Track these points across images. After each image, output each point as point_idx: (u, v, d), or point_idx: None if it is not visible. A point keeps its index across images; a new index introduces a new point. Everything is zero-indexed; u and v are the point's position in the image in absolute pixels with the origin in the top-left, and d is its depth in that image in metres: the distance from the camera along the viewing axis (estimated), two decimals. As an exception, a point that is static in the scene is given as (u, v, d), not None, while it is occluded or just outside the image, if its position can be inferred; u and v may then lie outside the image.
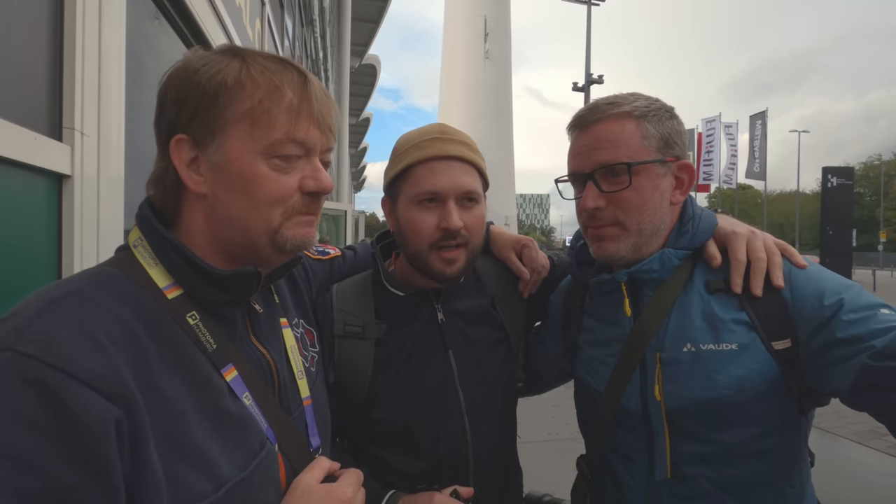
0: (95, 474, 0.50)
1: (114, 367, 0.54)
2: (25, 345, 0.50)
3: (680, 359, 0.93)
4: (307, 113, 0.70)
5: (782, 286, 0.89)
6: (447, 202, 1.01)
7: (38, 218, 0.91)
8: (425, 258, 1.03)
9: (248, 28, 2.97)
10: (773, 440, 0.90)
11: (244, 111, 0.67)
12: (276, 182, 0.68)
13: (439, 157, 1.03)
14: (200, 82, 0.67)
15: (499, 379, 1.15)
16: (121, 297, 0.61)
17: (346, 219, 9.52)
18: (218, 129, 0.67)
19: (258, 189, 0.68)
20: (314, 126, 0.71)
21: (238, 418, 0.67)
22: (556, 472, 1.69)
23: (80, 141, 0.99)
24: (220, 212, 0.69)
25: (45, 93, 0.94)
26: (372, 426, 1.07)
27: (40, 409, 0.48)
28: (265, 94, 0.67)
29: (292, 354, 0.83)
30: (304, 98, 0.70)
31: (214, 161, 0.68)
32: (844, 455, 4.24)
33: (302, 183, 0.71)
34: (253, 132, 0.67)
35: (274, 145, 0.68)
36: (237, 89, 0.67)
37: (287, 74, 0.70)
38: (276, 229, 0.70)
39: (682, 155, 0.98)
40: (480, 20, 40.99)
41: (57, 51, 0.96)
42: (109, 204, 1.09)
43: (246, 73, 0.68)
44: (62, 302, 0.56)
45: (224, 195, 0.68)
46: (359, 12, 13.85)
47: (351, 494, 0.72)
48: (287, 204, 0.70)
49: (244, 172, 0.67)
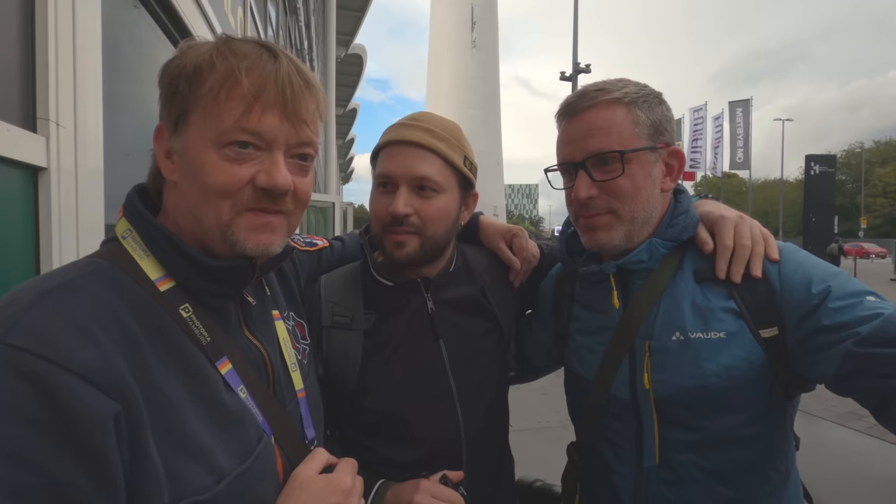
0: (94, 470, 0.49)
1: (110, 360, 0.53)
2: (18, 338, 0.49)
3: (669, 347, 0.93)
4: (268, 101, 0.65)
5: (759, 276, 0.90)
6: (398, 187, 1.02)
7: (14, 212, 0.88)
8: (381, 240, 1.06)
9: (230, 16, 2.90)
10: (760, 426, 0.91)
11: (198, 98, 0.65)
12: (224, 172, 0.65)
13: (396, 142, 1.03)
14: (168, 70, 0.67)
15: (490, 367, 1.15)
16: (113, 288, 0.60)
17: (333, 211, 9.44)
18: (180, 117, 0.66)
19: (205, 178, 0.64)
20: (277, 116, 0.66)
21: (234, 411, 0.66)
22: (547, 459, 1.70)
23: (56, 132, 0.96)
24: (181, 200, 0.68)
25: (16, 82, 0.90)
26: (363, 417, 1.06)
27: (35, 403, 0.47)
28: (217, 79, 0.64)
29: (285, 347, 0.83)
30: (266, 85, 0.65)
31: (177, 148, 0.67)
32: (826, 436, 4.35)
33: (255, 176, 0.66)
34: (205, 119, 0.65)
35: (222, 134, 0.64)
36: (195, 75, 0.65)
37: (255, 59, 0.66)
38: (227, 224, 0.66)
39: (671, 141, 0.98)
40: (467, 9, 40.64)
41: (29, 38, 0.93)
42: (89, 197, 1.07)
43: (207, 58, 0.65)
44: (54, 293, 0.54)
45: (184, 183, 0.67)
46: (344, 1, 13.64)
47: (350, 483, 0.72)
48: (235, 197, 0.66)
49: (196, 160, 0.65)
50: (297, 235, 1.16)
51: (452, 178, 1.06)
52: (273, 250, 0.70)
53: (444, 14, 41.54)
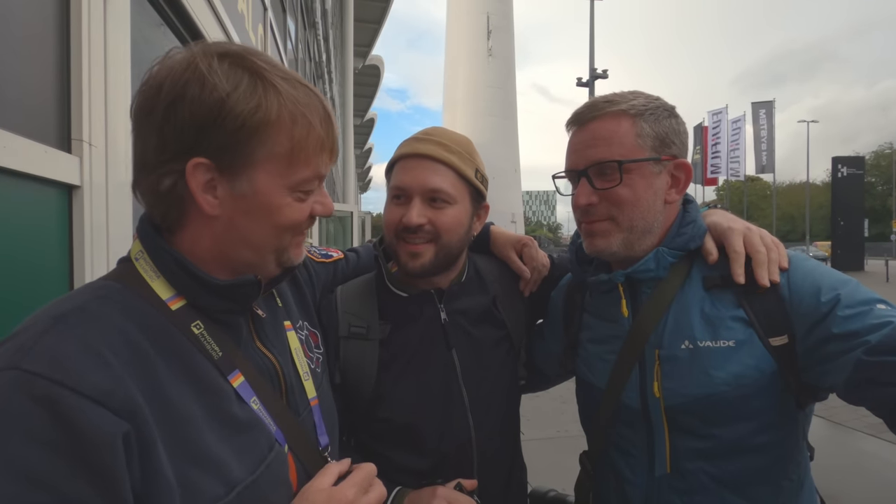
0: (105, 488, 0.51)
1: (119, 381, 0.55)
2: (32, 363, 0.51)
3: (678, 356, 0.94)
4: (330, 146, 0.73)
5: (777, 281, 0.90)
6: (412, 198, 1.05)
7: (50, 229, 0.94)
8: (395, 249, 1.10)
9: (251, 33, 2.99)
10: (771, 435, 0.90)
11: (282, 151, 0.68)
12: (298, 211, 0.72)
13: (410, 155, 1.08)
14: (235, 113, 0.63)
15: (502, 376, 1.16)
16: (124, 310, 0.62)
17: (352, 220, 9.56)
18: (250, 164, 0.67)
19: (281, 218, 0.70)
20: (333, 157, 0.75)
21: (246, 423, 0.68)
22: (564, 468, 1.70)
23: (89, 152, 1.01)
24: (235, 234, 0.70)
25: (53, 106, 0.96)
26: (378, 425, 1.09)
27: (50, 426, 0.50)
28: (301, 133, 0.69)
29: (297, 356, 0.85)
30: (329, 131, 0.72)
31: (240, 191, 0.67)
32: (857, 448, 4.20)
33: (312, 208, 0.74)
34: (287, 171, 0.69)
35: (303, 182, 0.71)
36: (275, 128, 0.67)
37: (313, 105, 0.70)
38: (285, 249, 0.74)
39: (679, 154, 0.99)
40: (483, 17, 40.86)
41: (64, 63, 0.99)
42: (118, 212, 1.12)
43: (282, 108, 0.67)
44: (66, 319, 0.57)
45: (243, 220, 0.69)
46: (361, 13, 13.88)
47: (352, 496, 0.73)
48: (299, 228, 0.74)
49: (272, 204, 0.69)
50: (314, 248, 1.19)
51: (464, 189, 1.09)
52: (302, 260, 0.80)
53: (460, 24, 41.83)
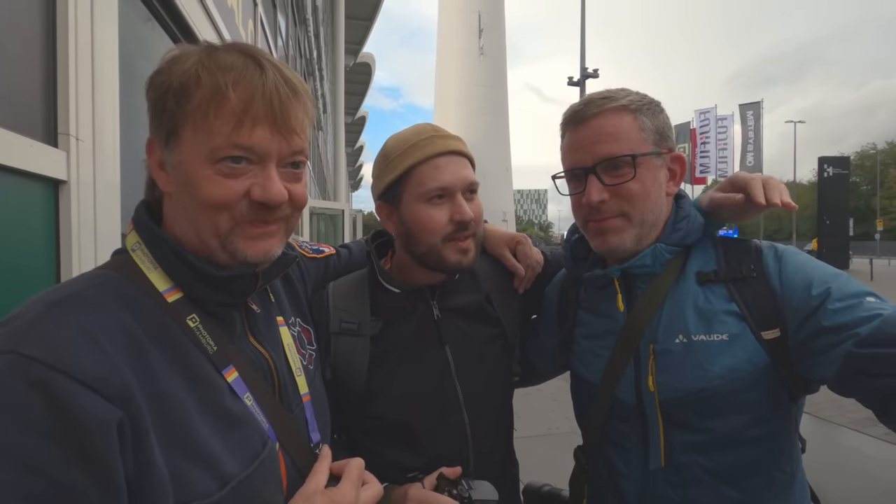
0: (98, 475, 0.51)
1: (114, 369, 0.55)
2: (28, 347, 0.51)
3: (672, 350, 0.94)
4: (257, 115, 0.65)
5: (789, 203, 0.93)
6: (455, 196, 1.04)
7: (36, 224, 0.92)
8: (440, 252, 1.05)
9: (241, 29, 2.96)
10: (764, 427, 0.91)
11: (188, 114, 0.65)
12: (220, 186, 0.65)
13: (442, 153, 1.05)
14: (154, 84, 0.66)
15: (496, 373, 1.16)
16: (120, 299, 0.62)
17: (343, 218, 9.52)
18: (171, 131, 0.66)
19: (202, 192, 0.65)
20: (267, 130, 0.66)
21: (239, 418, 0.68)
22: (556, 465, 1.70)
23: (76, 146, 0.99)
24: (178, 211, 0.70)
25: (39, 99, 0.94)
26: (370, 422, 1.08)
27: (45, 411, 0.49)
28: (205, 95, 0.64)
29: (290, 352, 0.85)
30: (254, 98, 0.65)
31: (171, 162, 0.67)
32: (841, 443, 4.27)
33: (250, 189, 0.67)
34: (196, 136, 0.65)
35: (215, 150, 0.65)
36: (182, 92, 0.64)
37: (241, 71, 0.65)
38: (226, 235, 0.68)
39: (674, 147, 1.01)
40: (474, 16, 40.85)
41: (50, 56, 0.97)
42: (106, 209, 1.10)
43: (193, 73, 0.64)
44: (62, 305, 0.57)
45: (179, 195, 0.68)
46: (352, 10, 13.82)
47: (352, 498, 0.72)
48: (233, 209, 0.67)
49: (191, 175, 0.66)
50: (305, 243, 1.18)
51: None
52: (274, 254, 0.72)
53: (451, 22, 41.79)
